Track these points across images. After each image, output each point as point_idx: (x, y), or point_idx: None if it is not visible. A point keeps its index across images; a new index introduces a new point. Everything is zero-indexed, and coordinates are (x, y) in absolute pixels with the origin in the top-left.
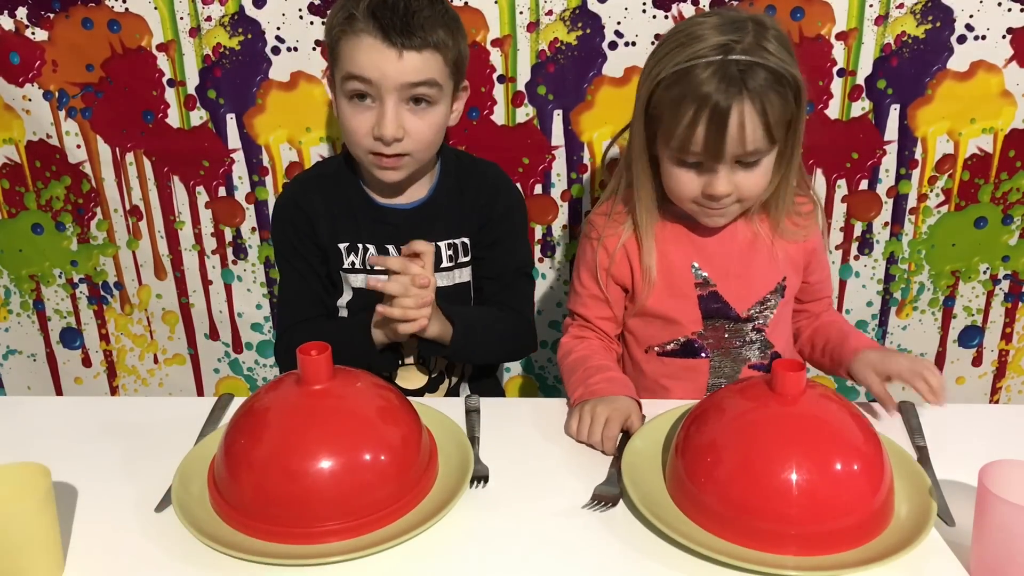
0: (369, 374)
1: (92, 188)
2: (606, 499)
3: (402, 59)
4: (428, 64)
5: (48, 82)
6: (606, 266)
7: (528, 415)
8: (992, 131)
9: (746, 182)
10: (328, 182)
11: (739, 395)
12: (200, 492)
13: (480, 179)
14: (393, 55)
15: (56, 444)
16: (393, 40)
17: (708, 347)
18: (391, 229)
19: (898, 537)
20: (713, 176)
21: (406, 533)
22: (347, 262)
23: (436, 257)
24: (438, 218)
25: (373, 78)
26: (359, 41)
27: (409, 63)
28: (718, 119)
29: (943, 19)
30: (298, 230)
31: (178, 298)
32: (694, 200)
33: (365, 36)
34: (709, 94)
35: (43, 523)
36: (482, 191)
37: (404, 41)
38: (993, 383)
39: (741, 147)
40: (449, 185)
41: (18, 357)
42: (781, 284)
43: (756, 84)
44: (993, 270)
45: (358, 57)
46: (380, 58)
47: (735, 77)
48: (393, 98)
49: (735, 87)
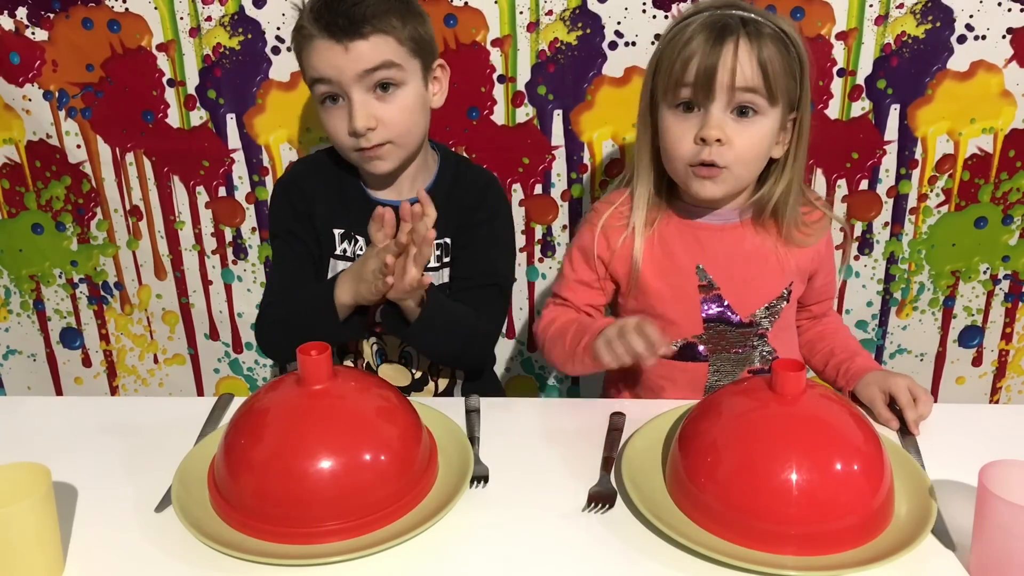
0: (369, 374)
1: (92, 188)
2: (602, 500)
3: (349, 51)
4: (378, 48)
5: (48, 82)
6: (605, 257)
7: (528, 415)
8: (992, 131)
9: (739, 137)
10: (328, 169)
11: (739, 395)
12: (200, 492)
13: (471, 183)
14: (340, 49)
15: (56, 444)
16: (337, 35)
17: (708, 350)
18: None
19: (898, 537)
20: (707, 120)
21: (406, 533)
22: (339, 248)
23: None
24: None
25: (331, 76)
26: (312, 46)
27: (357, 52)
28: (712, 45)
29: (943, 19)
30: (296, 209)
31: (178, 298)
32: (688, 159)
33: (315, 40)
34: (706, 25)
35: (43, 523)
36: (469, 193)
37: (347, 33)
38: (993, 383)
39: (731, 77)
40: (444, 186)
41: (18, 357)
42: (787, 290)
43: (754, 28)
44: (993, 270)
45: (313, 61)
46: (330, 55)
47: (734, 18)
48: (357, 90)
49: (733, 24)
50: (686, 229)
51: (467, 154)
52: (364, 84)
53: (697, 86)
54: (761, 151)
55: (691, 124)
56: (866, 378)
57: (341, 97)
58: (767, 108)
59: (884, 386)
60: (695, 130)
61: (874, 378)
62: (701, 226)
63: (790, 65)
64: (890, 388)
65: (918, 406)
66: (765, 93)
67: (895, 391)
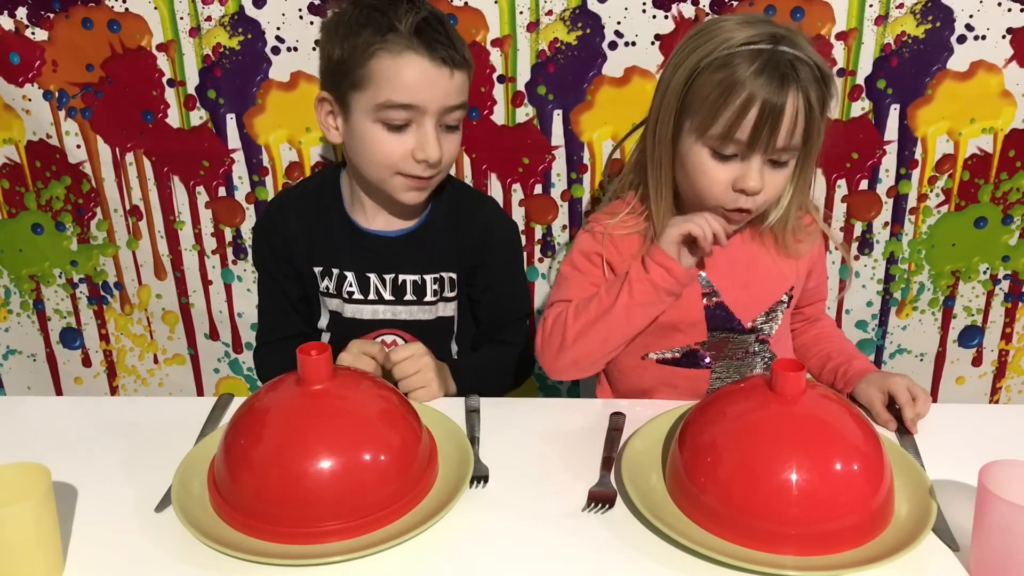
0: (369, 374)
1: (92, 188)
2: (602, 500)
3: (453, 79)
4: (464, 85)
5: (48, 82)
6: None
7: (528, 415)
8: (992, 131)
9: (772, 182)
10: (310, 200)
11: (739, 395)
12: (200, 492)
13: (473, 216)
14: (444, 74)
15: (56, 444)
16: (443, 59)
17: (711, 357)
18: (373, 256)
19: (898, 537)
20: (747, 170)
21: (406, 533)
22: (322, 286)
23: (420, 290)
24: (424, 249)
25: (420, 101)
26: (404, 62)
27: (455, 82)
28: (774, 109)
29: (943, 19)
30: (274, 251)
31: (178, 298)
32: (723, 203)
33: (411, 56)
34: (765, 83)
35: (43, 523)
36: (474, 230)
37: (453, 61)
38: (993, 383)
39: (788, 140)
40: (441, 216)
41: (18, 357)
42: (788, 295)
43: (805, 76)
44: (993, 270)
45: (404, 80)
46: (429, 80)
47: (788, 68)
48: (433, 120)
49: (790, 78)
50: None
51: (467, 154)
52: (440, 119)
53: (748, 145)
54: (784, 188)
55: (729, 170)
56: (865, 380)
57: (407, 123)
58: (799, 150)
59: (883, 386)
60: (731, 175)
61: (873, 379)
62: None
63: (825, 109)
64: (889, 387)
65: (916, 405)
66: (802, 145)
67: (894, 390)
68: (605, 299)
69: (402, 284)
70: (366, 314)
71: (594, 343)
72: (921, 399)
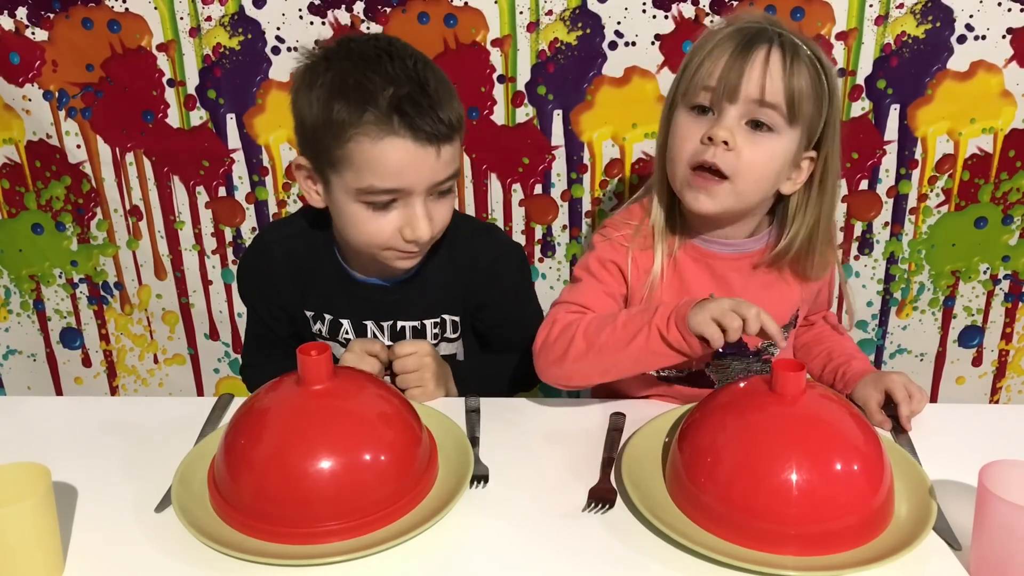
0: (369, 374)
1: (92, 188)
2: (602, 500)
3: (440, 157)
4: (456, 152)
5: (48, 82)
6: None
7: (528, 415)
8: (992, 131)
9: (748, 148)
10: (297, 245)
11: (739, 395)
12: (200, 492)
13: (476, 257)
14: (430, 154)
15: (56, 444)
16: (430, 139)
17: (716, 378)
18: (368, 305)
19: (898, 537)
20: (719, 121)
21: (406, 533)
22: (315, 329)
23: (420, 334)
24: (423, 295)
25: (405, 186)
26: (385, 146)
27: (445, 158)
28: (741, 50)
29: (943, 19)
30: (262, 293)
31: (178, 298)
32: (689, 158)
33: (393, 140)
34: (739, 32)
35: (43, 523)
36: (478, 273)
37: (438, 134)
38: (993, 383)
39: (759, 90)
40: (441, 261)
41: (18, 357)
42: (794, 317)
43: (789, 42)
44: (993, 270)
45: (386, 166)
46: (414, 162)
47: (770, 31)
48: (422, 198)
49: (768, 34)
50: (700, 257)
51: (467, 154)
52: (431, 191)
53: (718, 91)
54: (768, 171)
55: (702, 125)
56: (863, 380)
57: (393, 201)
58: (784, 128)
59: (879, 385)
60: (705, 128)
61: (870, 379)
62: (715, 256)
63: (818, 94)
64: (886, 385)
65: (912, 403)
66: (785, 112)
67: (890, 387)
68: (621, 334)
69: (400, 330)
70: None
71: (595, 369)
72: (917, 397)
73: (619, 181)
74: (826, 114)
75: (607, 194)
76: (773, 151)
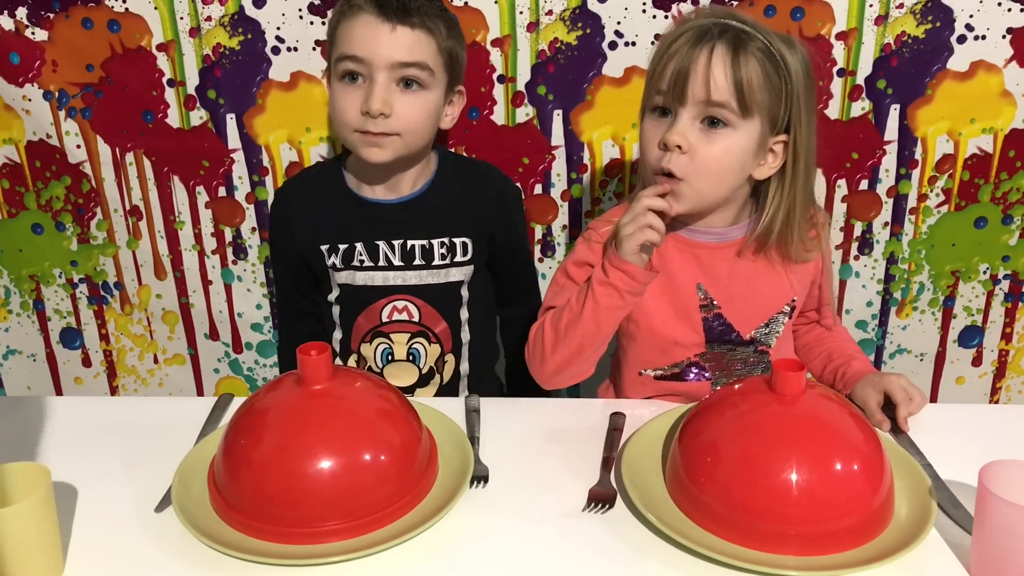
0: (369, 374)
1: (92, 188)
2: (602, 500)
3: (395, 32)
4: (420, 44)
5: (48, 82)
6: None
7: (528, 415)
8: (992, 131)
9: (703, 147)
10: (311, 183)
11: (739, 395)
12: (200, 492)
13: (482, 183)
14: (386, 29)
15: (56, 444)
16: (388, 15)
17: (711, 369)
18: (378, 224)
19: (898, 537)
20: (672, 126)
21: (406, 533)
22: (329, 262)
23: (428, 254)
24: (429, 214)
25: (365, 55)
26: (355, 20)
27: (401, 39)
28: (689, 49)
29: (943, 19)
30: (280, 245)
31: (178, 298)
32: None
33: (361, 15)
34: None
35: (43, 523)
36: (487, 197)
37: (398, 17)
38: (993, 383)
39: (704, 91)
40: (447, 183)
41: (18, 357)
42: (790, 305)
43: (737, 38)
44: (993, 270)
45: (353, 36)
46: (373, 33)
47: (718, 26)
48: (383, 75)
49: (712, 31)
50: (685, 247)
51: (467, 154)
52: (392, 74)
53: (669, 95)
54: (727, 166)
55: (660, 128)
56: (862, 380)
57: (362, 77)
58: (738, 121)
59: (879, 386)
60: (661, 132)
61: (869, 380)
62: (700, 244)
63: (772, 83)
64: (885, 386)
65: (911, 404)
66: (736, 106)
67: (889, 388)
68: (575, 307)
69: (410, 249)
70: (377, 280)
71: (570, 350)
72: (916, 400)
73: (619, 181)
74: (787, 97)
75: (607, 194)
76: (729, 146)
